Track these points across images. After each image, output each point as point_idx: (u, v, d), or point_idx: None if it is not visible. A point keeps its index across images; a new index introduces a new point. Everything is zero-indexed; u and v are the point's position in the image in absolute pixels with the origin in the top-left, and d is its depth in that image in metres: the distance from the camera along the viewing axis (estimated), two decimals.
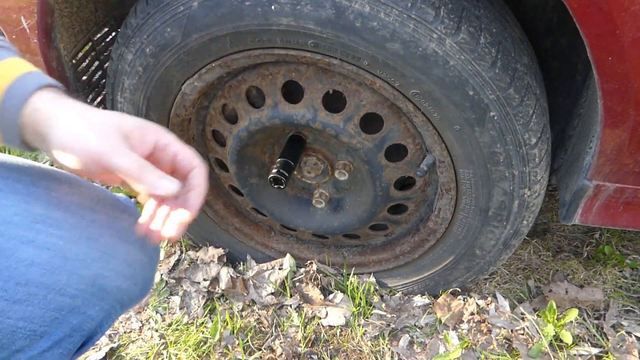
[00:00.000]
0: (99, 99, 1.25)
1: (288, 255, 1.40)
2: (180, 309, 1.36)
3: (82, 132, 0.58)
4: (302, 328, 1.26)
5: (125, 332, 1.32)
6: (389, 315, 1.32)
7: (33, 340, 0.65)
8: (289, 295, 1.34)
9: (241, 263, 1.46)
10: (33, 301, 0.64)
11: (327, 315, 1.30)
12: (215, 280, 1.39)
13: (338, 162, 1.17)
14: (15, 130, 0.59)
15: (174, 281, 1.42)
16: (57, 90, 0.62)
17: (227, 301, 1.37)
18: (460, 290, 1.36)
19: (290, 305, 1.32)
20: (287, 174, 1.08)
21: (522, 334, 1.26)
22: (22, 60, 0.62)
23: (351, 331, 1.27)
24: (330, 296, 1.35)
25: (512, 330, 1.26)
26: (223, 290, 1.36)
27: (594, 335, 1.27)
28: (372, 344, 1.24)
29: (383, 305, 1.35)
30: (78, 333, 0.69)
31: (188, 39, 0.96)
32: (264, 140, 1.18)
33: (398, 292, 1.39)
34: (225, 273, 1.38)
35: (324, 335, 1.26)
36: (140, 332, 1.32)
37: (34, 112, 0.58)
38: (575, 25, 0.77)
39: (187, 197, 0.64)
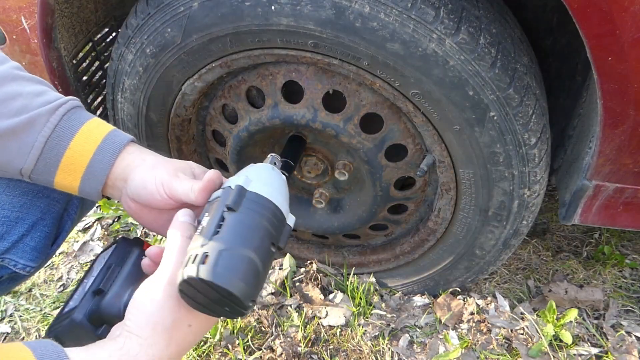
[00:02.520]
0: (99, 99, 1.25)
1: (288, 255, 1.40)
2: None
3: (159, 169, 0.70)
4: (302, 328, 1.26)
5: None
6: (389, 315, 1.32)
7: (9, 226, 0.75)
8: (289, 295, 1.34)
9: None
10: None
11: (327, 315, 1.30)
12: None
13: (338, 162, 1.17)
14: (103, 176, 0.70)
15: None
16: (138, 144, 0.75)
17: None
18: (460, 290, 1.36)
19: (290, 305, 1.32)
20: (287, 174, 1.08)
21: (522, 334, 1.26)
22: (101, 119, 0.74)
23: (351, 331, 1.27)
24: (330, 296, 1.35)
25: (511, 330, 1.26)
26: None
27: (594, 335, 1.27)
28: (372, 344, 1.25)
29: (383, 305, 1.35)
30: (48, 215, 0.79)
31: (188, 39, 0.96)
32: (264, 140, 1.18)
33: (398, 292, 1.39)
34: None
35: (324, 335, 1.26)
36: None
37: (127, 156, 0.71)
38: (575, 26, 0.77)
39: None
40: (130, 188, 0.70)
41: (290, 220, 0.66)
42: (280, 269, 1.38)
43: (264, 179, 0.66)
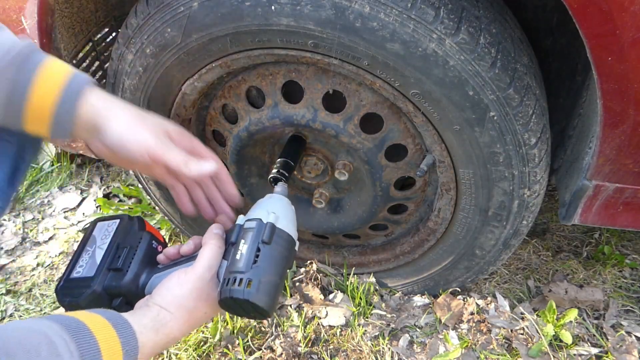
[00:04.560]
0: None
1: None
2: None
3: (138, 129, 0.73)
4: (302, 328, 1.26)
5: None
6: (389, 315, 1.32)
7: None
8: (289, 295, 1.34)
9: None
10: None
11: (327, 315, 1.30)
12: None
13: (338, 162, 1.17)
14: (70, 123, 0.71)
15: None
16: (99, 87, 0.75)
17: None
18: (460, 290, 1.36)
19: (291, 305, 1.32)
20: (287, 174, 1.08)
21: (522, 334, 1.26)
22: (59, 60, 0.73)
23: (351, 331, 1.27)
24: (330, 296, 1.35)
25: (511, 330, 1.26)
26: None
27: (594, 335, 1.27)
28: (372, 344, 1.24)
29: (383, 305, 1.35)
30: (4, 157, 0.80)
31: (188, 39, 0.96)
32: (264, 140, 1.18)
33: (398, 292, 1.39)
34: None
35: (324, 335, 1.26)
36: None
37: (90, 107, 0.72)
38: (575, 25, 0.77)
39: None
40: (104, 138, 0.74)
41: (297, 246, 0.86)
42: None
43: (286, 215, 0.86)
